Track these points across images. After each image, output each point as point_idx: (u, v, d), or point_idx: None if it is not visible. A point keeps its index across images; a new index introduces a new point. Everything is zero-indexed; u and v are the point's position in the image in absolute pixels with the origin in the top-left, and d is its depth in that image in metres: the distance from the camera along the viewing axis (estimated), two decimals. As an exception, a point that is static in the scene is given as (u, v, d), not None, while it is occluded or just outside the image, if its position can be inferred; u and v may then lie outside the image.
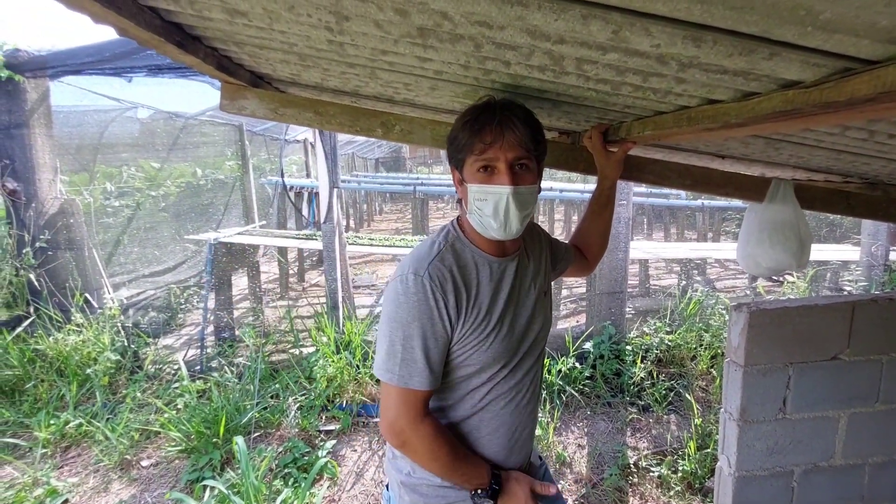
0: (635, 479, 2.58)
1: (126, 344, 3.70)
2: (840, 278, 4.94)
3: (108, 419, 2.99)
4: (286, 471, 2.58)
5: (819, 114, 0.63)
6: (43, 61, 3.73)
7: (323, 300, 4.39)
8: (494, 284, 0.99)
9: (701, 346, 3.64)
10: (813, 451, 1.54)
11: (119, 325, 3.81)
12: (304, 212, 7.18)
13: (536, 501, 1.02)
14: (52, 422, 2.96)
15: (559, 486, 1.23)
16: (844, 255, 4.98)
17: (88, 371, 3.34)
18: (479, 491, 0.98)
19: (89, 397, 3.30)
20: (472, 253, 0.99)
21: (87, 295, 3.98)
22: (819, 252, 4.96)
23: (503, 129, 0.89)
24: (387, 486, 1.15)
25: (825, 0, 0.44)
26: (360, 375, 3.30)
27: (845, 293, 4.57)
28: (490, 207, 0.92)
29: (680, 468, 2.56)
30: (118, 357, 3.52)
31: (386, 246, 4.83)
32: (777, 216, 1.52)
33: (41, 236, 3.94)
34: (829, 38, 0.51)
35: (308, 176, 8.52)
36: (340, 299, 3.88)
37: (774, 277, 5.51)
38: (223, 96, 1.40)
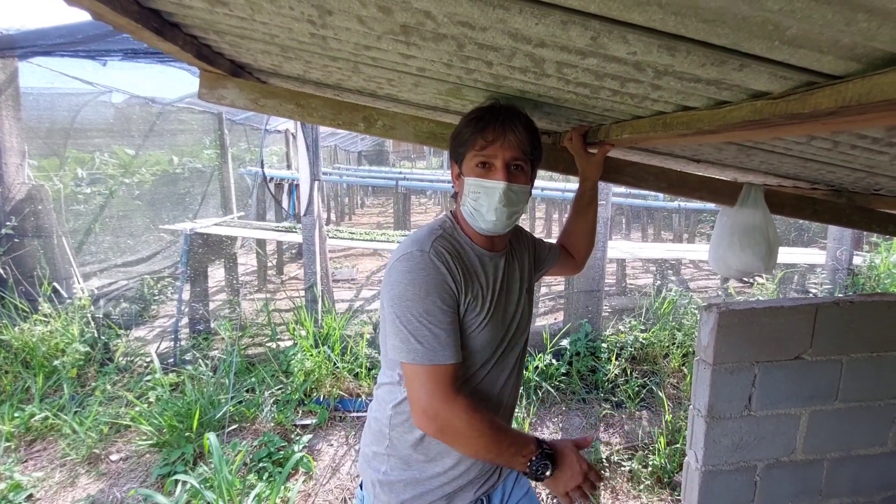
0: (607, 474, 2.64)
1: (96, 335, 3.60)
2: (807, 281, 5.11)
3: (75, 412, 2.92)
4: (261, 465, 2.56)
5: (785, 124, 0.66)
6: (11, 41, 3.58)
7: (301, 294, 4.35)
8: (487, 274, 1.03)
9: (674, 344, 3.74)
10: (775, 447, 1.60)
11: (89, 315, 3.71)
12: (284, 204, 7.09)
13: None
14: (16, 414, 2.87)
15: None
16: (811, 258, 5.16)
17: (56, 363, 3.24)
18: (535, 458, 0.93)
19: (56, 390, 3.20)
20: (467, 243, 1.04)
21: (55, 284, 3.86)
22: (787, 255, 5.13)
23: (505, 129, 0.95)
24: (360, 486, 1.14)
25: (791, 17, 0.46)
26: (337, 370, 3.29)
27: (810, 296, 4.74)
28: (483, 200, 0.97)
29: (650, 463, 2.63)
30: (87, 349, 3.42)
31: (367, 240, 4.80)
32: (748, 220, 1.57)
33: (7, 223, 3.80)
34: (795, 53, 0.53)
35: (289, 167, 8.39)
36: (320, 293, 3.85)
37: (745, 279, 5.67)
38: (202, 85, 1.37)
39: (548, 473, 0.94)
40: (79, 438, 2.73)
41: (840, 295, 4.48)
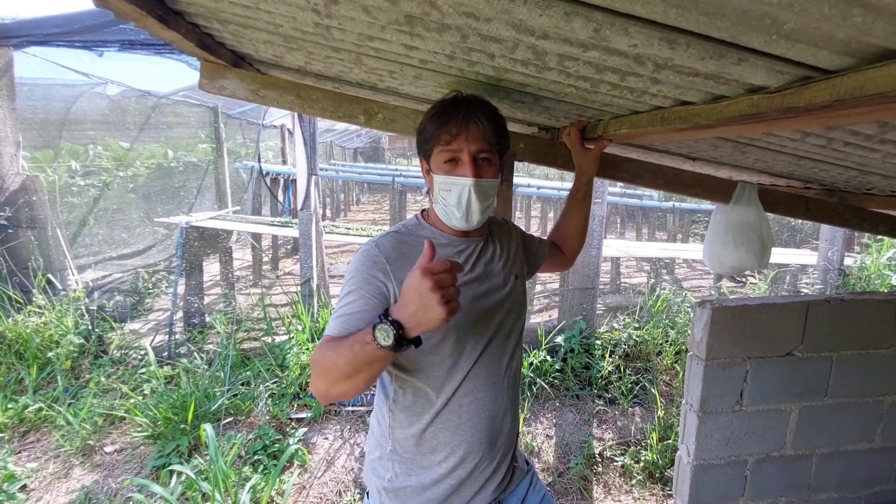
0: (600, 469, 2.67)
1: (90, 327, 3.58)
2: (798, 281, 5.17)
3: (69, 404, 2.91)
4: (256, 457, 2.56)
5: (781, 118, 0.67)
6: (7, 30, 3.55)
7: (297, 289, 4.35)
8: (449, 257, 0.98)
9: (667, 342, 3.77)
10: (766, 442, 1.63)
11: (83, 307, 3.69)
12: (280, 198, 7.07)
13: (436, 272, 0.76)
14: (9, 406, 2.86)
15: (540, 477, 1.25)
16: (803, 259, 5.22)
17: (50, 354, 3.23)
18: (374, 327, 0.78)
19: (50, 381, 3.19)
20: (431, 233, 1.05)
21: (49, 276, 3.84)
22: (780, 255, 5.18)
23: (468, 122, 0.94)
24: (367, 494, 1.13)
25: (789, 11, 0.48)
26: (333, 364, 3.29)
27: (802, 294, 4.78)
28: (454, 197, 0.98)
29: (642, 458, 2.66)
30: (82, 341, 3.41)
31: (363, 236, 4.81)
32: (742, 218, 1.59)
33: (1, 213, 3.77)
34: (792, 47, 0.55)
35: (285, 162, 8.37)
36: (316, 287, 3.85)
37: (738, 278, 5.73)
38: (202, 75, 1.38)
39: (393, 317, 0.76)
40: (73, 430, 2.72)
41: (831, 293, 4.53)
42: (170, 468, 2.36)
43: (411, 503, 1.02)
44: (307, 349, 3.30)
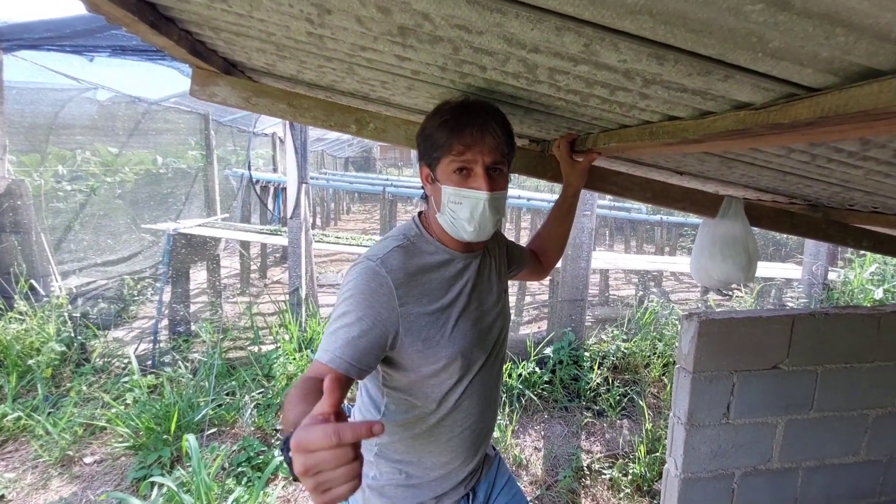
0: (588, 482, 2.65)
1: (73, 335, 3.51)
2: (783, 295, 5.24)
3: (49, 413, 2.84)
4: (240, 469, 2.51)
5: (766, 134, 0.68)
6: (-4, 33, 3.52)
7: (285, 298, 4.31)
8: (455, 277, 0.99)
9: (654, 354, 3.79)
10: (752, 455, 1.63)
11: (66, 314, 3.62)
12: (270, 206, 7.03)
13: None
14: (-14, 414, 2.79)
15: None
16: (788, 273, 5.29)
17: (30, 362, 3.15)
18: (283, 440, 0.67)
19: (30, 390, 3.11)
20: (435, 248, 0.99)
21: (32, 281, 3.76)
22: (765, 269, 5.25)
23: (483, 132, 0.89)
24: None
25: (774, 30, 0.49)
26: (320, 374, 3.26)
27: (787, 308, 4.85)
28: (466, 211, 0.92)
29: (630, 471, 2.65)
30: (63, 348, 3.33)
31: (353, 245, 4.78)
32: (728, 231, 1.61)
33: (-16, 217, 3.71)
34: (777, 65, 0.56)
35: (275, 170, 8.35)
36: (304, 297, 3.82)
37: (724, 291, 5.79)
38: (194, 82, 1.37)
39: (289, 455, 0.61)
40: (52, 440, 2.65)
41: (815, 307, 4.59)
42: (150, 480, 2.30)
43: (394, 499, 1.03)
44: (294, 359, 3.27)
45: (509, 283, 1.27)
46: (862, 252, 4.90)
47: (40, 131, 4.59)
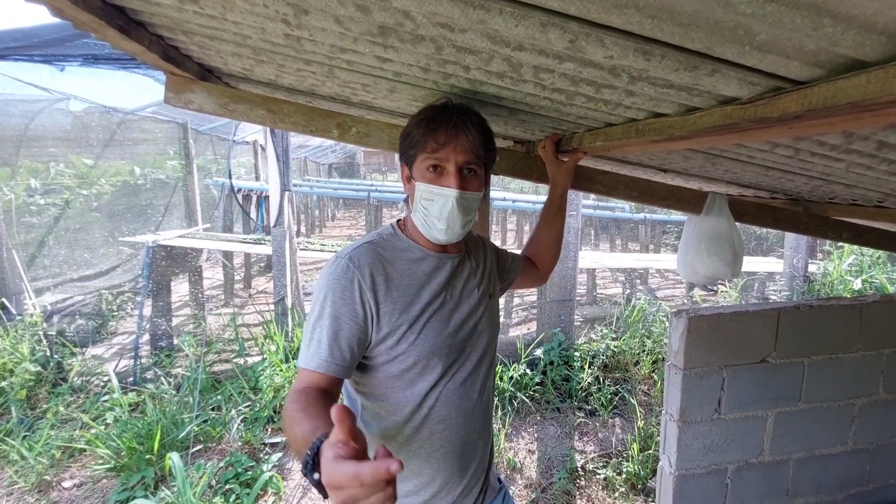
0: (582, 482, 2.65)
1: (48, 354, 3.40)
2: (766, 288, 5.32)
3: (24, 437, 2.73)
4: (227, 486, 2.44)
5: (753, 129, 0.68)
6: (-40, 44, 3.40)
7: (270, 309, 4.23)
8: (427, 275, 0.98)
9: (644, 351, 3.81)
10: (744, 449, 1.64)
11: (41, 333, 3.50)
12: (253, 215, 6.93)
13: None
14: (-43, 440, 2.67)
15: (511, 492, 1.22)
16: (770, 266, 5.39)
17: (3, 384, 3.04)
18: (307, 456, 0.66)
19: (3, 413, 3.00)
20: (408, 245, 1.00)
21: (3, 300, 3.64)
22: (748, 264, 5.33)
23: (457, 131, 0.91)
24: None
25: (762, 22, 0.48)
26: (308, 384, 3.20)
27: (771, 301, 4.93)
28: (436, 208, 0.93)
29: (624, 470, 2.65)
30: (39, 368, 3.22)
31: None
32: (713, 227, 1.63)
33: (-49, 235, 3.57)
34: (764, 58, 0.55)
35: (257, 179, 8.23)
36: (290, 306, 3.76)
37: (710, 286, 5.87)
38: (168, 89, 1.33)
39: (316, 477, 0.64)
40: (28, 465, 2.55)
41: (799, 299, 4.68)
42: (133, 502, 2.23)
43: None
44: (281, 370, 3.20)
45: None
46: (840, 244, 5.02)
47: (10, 144, 4.45)
